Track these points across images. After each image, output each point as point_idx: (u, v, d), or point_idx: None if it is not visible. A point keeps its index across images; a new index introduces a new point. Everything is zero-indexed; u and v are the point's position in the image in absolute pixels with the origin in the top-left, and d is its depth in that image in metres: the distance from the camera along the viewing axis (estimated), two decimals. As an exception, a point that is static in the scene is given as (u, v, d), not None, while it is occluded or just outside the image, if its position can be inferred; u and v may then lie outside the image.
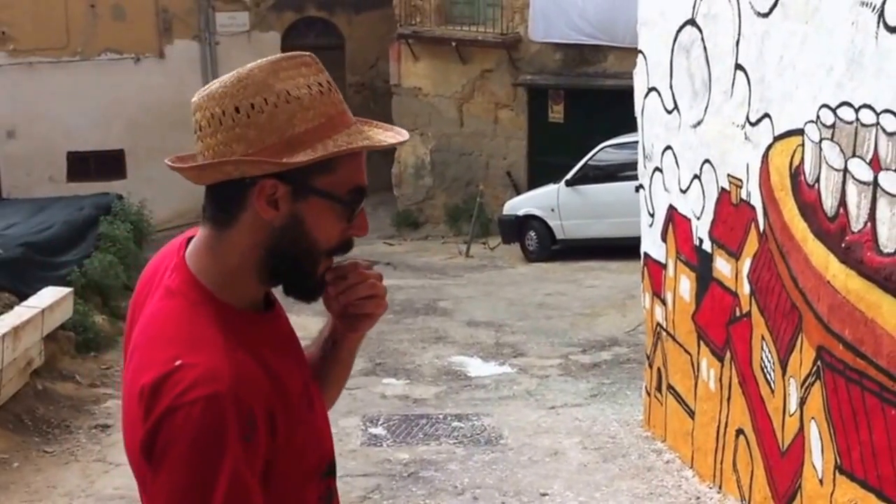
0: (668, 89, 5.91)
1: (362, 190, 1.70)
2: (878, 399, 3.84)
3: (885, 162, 3.80)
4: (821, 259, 4.26)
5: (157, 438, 1.57)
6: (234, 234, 1.66)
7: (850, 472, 4.07)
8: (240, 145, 1.62)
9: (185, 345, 1.60)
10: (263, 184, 1.63)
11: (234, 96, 1.63)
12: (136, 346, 1.68)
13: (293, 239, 1.66)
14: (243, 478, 1.57)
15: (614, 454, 6.00)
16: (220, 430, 1.55)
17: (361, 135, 1.68)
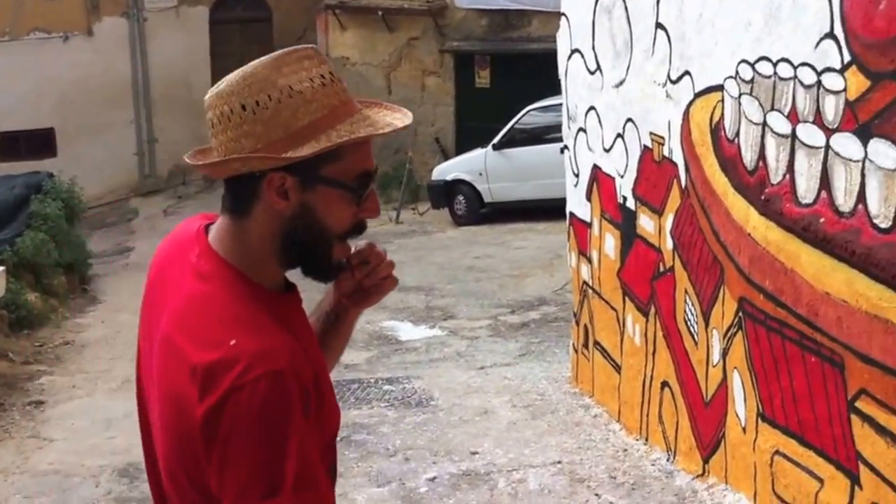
0: (590, 50, 5.89)
1: (370, 174, 1.75)
2: (798, 347, 3.88)
3: (803, 114, 3.83)
4: (741, 212, 4.29)
5: (221, 418, 1.59)
6: (251, 224, 1.72)
7: (772, 419, 4.12)
8: (248, 141, 1.68)
9: (234, 325, 1.65)
10: (272, 177, 1.68)
11: (240, 94, 1.69)
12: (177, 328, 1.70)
13: (306, 226, 1.72)
14: (309, 450, 1.63)
15: (543, 411, 6.02)
16: (284, 405, 1.60)
17: (365, 122, 1.72)
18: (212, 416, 1.60)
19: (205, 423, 1.60)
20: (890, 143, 3.35)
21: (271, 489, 1.58)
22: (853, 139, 3.54)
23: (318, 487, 1.64)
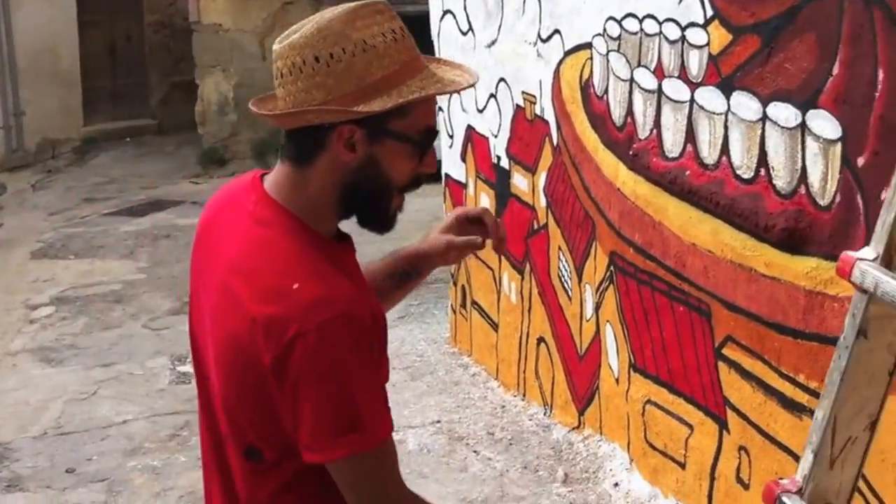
0: (462, 11, 5.88)
1: (434, 131, 1.82)
2: (667, 298, 3.97)
3: (668, 69, 3.90)
4: (611, 168, 4.35)
5: (289, 363, 1.65)
6: (314, 173, 1.77)
7: (643, 370, 4.22)
8: (319, 92, 1.71)
9: (295, 270, 1.70)
10: (342, 129, 1.73)
11: (314, 46, 1.71)
12: (236, 274, 1.75)
13: (370, 178, 1.77)
14: (377, 387, 1.72)
15: (422, 372, 6.04)
16: (349, 346, 1.67)
17: (433, 79, 1.77)
18: (280, 362, 1.65)
19: (274, 370, 1.66)
20: (751, 96, 3.43)
21: (349, 426, 1.66)
22: (717, 93, 3.62)
23: (389, 423, 1.73)
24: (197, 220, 1.95)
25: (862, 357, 1.43)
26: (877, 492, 3.03)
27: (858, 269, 1.39)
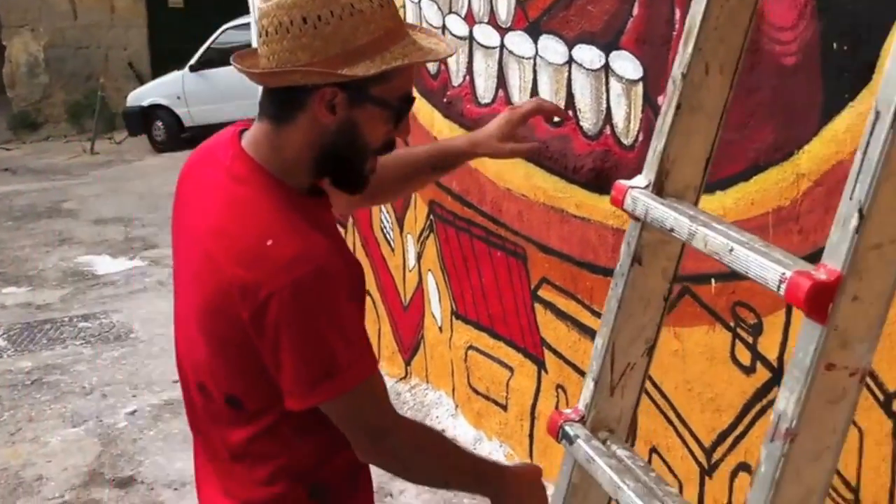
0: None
1: (412, 98, 1.86)
2: (485, 244, 4.03)
3: (479, 15, 3.92)
4: (427, 117, 4.36)
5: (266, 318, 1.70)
6: (291, 132, 1.80)
7: (465, 316, 4.28)
8: (304, 54, 1.73)
9: (272, 227, 1.73)
10: (324, 91, 1.75)
11: (303, 7, 1.72)
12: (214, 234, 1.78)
13: (347, 140, 1.81)
14: (356, 329, 1.78)
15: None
16: (327, 296, 1.72)
17: (414, 46, 1.80)
18: (258, 317, 1.70)
19: (254, 325, 1.72)
20: (558, 39, 3.49)
21: (326, 373, 1.73)
22: (525, 37, 3.66)
23: (369, 365, 1.79)
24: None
25: (637, 283, 1.48)
26: (685, 419, 3.17)
27: (630, 197, 1.43)
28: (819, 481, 1.21)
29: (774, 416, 1.19)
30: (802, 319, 1.18)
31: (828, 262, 1.15)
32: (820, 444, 1.20)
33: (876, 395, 2.45)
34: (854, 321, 1.17)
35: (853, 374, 1.19)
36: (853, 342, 1.17)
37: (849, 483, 2.57)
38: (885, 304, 1.17)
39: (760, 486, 1.20)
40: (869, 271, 1.15)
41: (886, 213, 1.14)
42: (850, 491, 2.57)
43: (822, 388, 1.18)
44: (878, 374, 2.44)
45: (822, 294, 1.14)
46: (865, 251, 1.14)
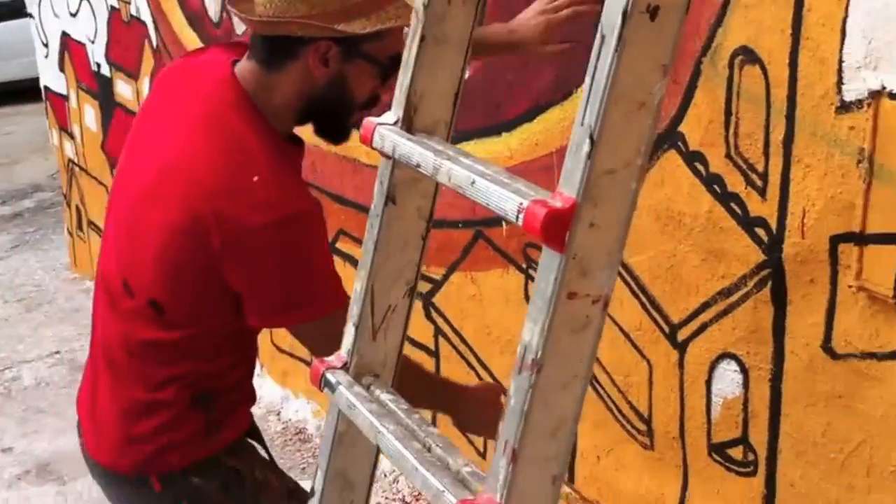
0: None
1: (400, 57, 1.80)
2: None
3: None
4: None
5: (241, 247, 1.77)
6: (281, 78, 1.84)
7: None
8: (303, 5, 1.77)
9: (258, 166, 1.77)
10: (319, 44, 1.81)
11: None
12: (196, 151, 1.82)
13: (336, 93, 1.86)
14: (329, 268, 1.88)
15: (39, 302, 5.73)
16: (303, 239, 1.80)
17: (407, 8, 1.80)
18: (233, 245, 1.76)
19: (226, 252, 1.77)
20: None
21: (296, 303, 1.83)
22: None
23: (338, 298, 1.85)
24: None
25: (393, 224, 1.46)
26: (485, 363, 3.20)
27: (378, 135, 1.40)
28: (569, 410, 1.21)
29: (521, 348, 1.18)
30: (543, 249, 1.18)
31: (563, 190, 1.14)
32: (567, 374, 1.20)
33: (662, 328, 2.53)
34: (592, 248, 1.16)
35: (595, 301, 1.18)
36: (593, 270, 1.17)
37: (641, 414, 2.65)
38: (622, 230, 1.17)
39: (511, 418, 1.19)
40: (604, 197, 1.15)
41: (617, 137, 1.13)
42: (643, 422, 2.65)
43: (565, 318, 1.17)
44: (663, 307, 2.51)
45: (557, 222, 1.13)
46: (599, 177, 1.13)
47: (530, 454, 1.22)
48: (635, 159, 1.16)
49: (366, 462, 1.54)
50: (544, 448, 1.22)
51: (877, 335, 2.03)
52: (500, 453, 1.22)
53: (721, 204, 2.28)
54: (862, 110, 1.95)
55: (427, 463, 1.32)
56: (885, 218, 1.95)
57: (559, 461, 1.24)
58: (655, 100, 1.15)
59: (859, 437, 2.10)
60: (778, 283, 2.21)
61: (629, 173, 1.15)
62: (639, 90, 1.14)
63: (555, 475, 1.24)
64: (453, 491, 1.27)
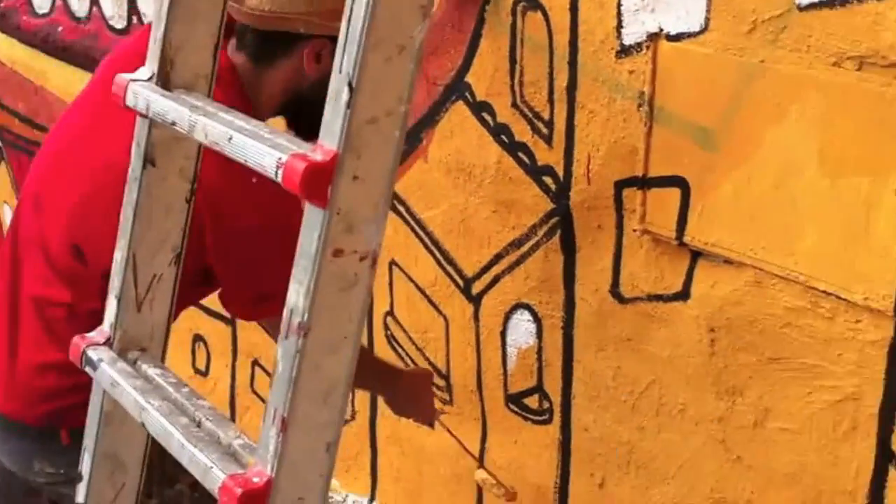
0: None
1: None
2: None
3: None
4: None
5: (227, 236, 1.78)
6: (271, 73, 1.88)
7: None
8: (303, 2, 1.80)
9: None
10: (316, 42, 1.84)
11: None
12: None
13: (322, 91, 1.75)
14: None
15: None
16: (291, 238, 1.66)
17: None
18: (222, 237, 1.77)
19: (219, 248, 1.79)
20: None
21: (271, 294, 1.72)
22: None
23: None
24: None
25: (154, 187, 1.37)
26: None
27: (132, 92, 1.31)
28: (340, 373, 1.16)
29: (286, 311, 1.12)
30: (305, 206, 1.11)
31: (324, 142, 1.09)
32: (337, 335, 1.14)
33: (457, 283, 2.50)
34: (357, 202, 1.11)
35: (363, 258, 1.13)
36: (359, 224, 1.11)
37: (440, 370, 2.63)
38: (387, 182, 1.12)
39: (279, 385, 1.13)
40: (367, 148, 1.09)
41: (378, 84, 1.08)
42: (442, 377, 2.63)
43: (331, 276, 1.11)
44: (457, 261, 2.49)
45: (318, 175, 1.07)
46: (360, 127, 1.08)
47: (301, 421, 1.17)
48: (398, 107, 1.11)
49: (137, 441, 1.46)
50: (316, 414, 1.17)
51: (662, 277, 2.06)
52: (270, 422, 1.16)
53: (509, 154, 2.27)
54: (641, 53, 1.96)
55: (195, 438, 1.25)
56: (666, 161, 1.97)
57: (333, 427, 1.20)
58: (416, 43, 1.10)
59: (648, 379, 2.14)
60: (567, 231, 2.21)
61: (392, 122, 1.10)
62: (398, 33, 1.09)
63: (329, 442, 1.20)
64: (222, 465, 1.20)
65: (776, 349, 1.90)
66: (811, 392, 1.87)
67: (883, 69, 1.62)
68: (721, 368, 2.00)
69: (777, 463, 1.94)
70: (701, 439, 2.07)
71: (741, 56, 1.80)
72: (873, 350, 1.75)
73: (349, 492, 3.00)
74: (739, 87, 1.81)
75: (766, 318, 1.90)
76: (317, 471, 1.20)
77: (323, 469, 1.21)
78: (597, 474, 2.31)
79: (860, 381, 1.78)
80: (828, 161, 1.72)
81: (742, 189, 1.85)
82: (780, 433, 1.93)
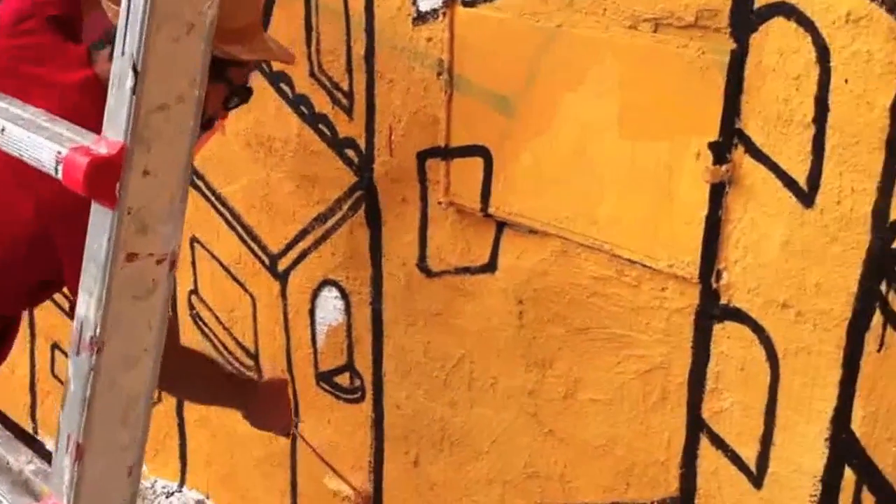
0: None
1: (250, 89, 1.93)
2: None
3: None
4: None
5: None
6: None
7: None
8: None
9: None
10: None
11: None
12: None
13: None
14: None
15: None
16: None
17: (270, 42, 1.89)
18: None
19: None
20: None
21: None
22: None
23: None
24: None
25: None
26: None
27: None
28: (140, 389, 1.04)
29: (76, 324, 1.00)
30: (92, 206, 0.99)
31: (108, 134, 0.96)
32: (134, 348, 1.03)
33: (262, 260, 2.40)
34: (150, 199, 0.99)
35: (161, 261, 1.02)
36: (153, 224, 1.00)
37: (248, 350, 2.52)
38: (183, 176, 1.00)
39: (72, 407, 1.01)
40: (158, 139, 0.97)
41: (165, 67, 0.96)
42: (251, 357, 2.53)
43: (125, 284, 1.00)
44: (261, 238, 2.39)
45: (103, 171, 0.95)
46: (149, 115, 0.96)
47: (99, 446, 1.06)
48: (191, 91, 1.00)
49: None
50: (115, 437, 1.07)
51: (468, 250, 2.01)
52: (63, 450, 1.05)
53: (310, 126, 2.17)
54: (438, 20, 1.89)
55: (-22, 470, 1.12)
56: (467, 130, 1.91)
57: (134, 449, 1.09)
58: (207, 20, 0.99)
59: (459, 353, 2.09)
60: (371, 205, 2.13)
61: (185, 109, 0.99)
62: (186, 9, 0.98)
63: (131, 465, 1.09)
64: (11, 498, 1.08)
65: (584, 319, 1.87)
66: (620, 362, 1.84)
67: (679, 30, 1.59)
68: (530, 340, 1.96)
69: (588, 435, 1.92)
70: (513, 413, 2.03)
71: (537, 21, 1.75)
72: (680, 318, 1.74)
73: (158, 476, 2.87)
74: (537, 53, 1.76)
75: (573, 288, 1.86)
76: (119, 497, 1.09)
77: (126, 494, 1.10)
78: (411, 452, 2.25)
79: (668, 350, 1.77)
80: (627, 125, 1.69)
81: (543, 157, 1.81)
82: (591, 404, 1.91)
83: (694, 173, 1.62)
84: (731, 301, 1.66)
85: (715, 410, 1.73)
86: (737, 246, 1.62)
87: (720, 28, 1.55)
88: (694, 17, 1.56)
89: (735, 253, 1.63)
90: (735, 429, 1.72)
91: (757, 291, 1.63)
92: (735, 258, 1.63)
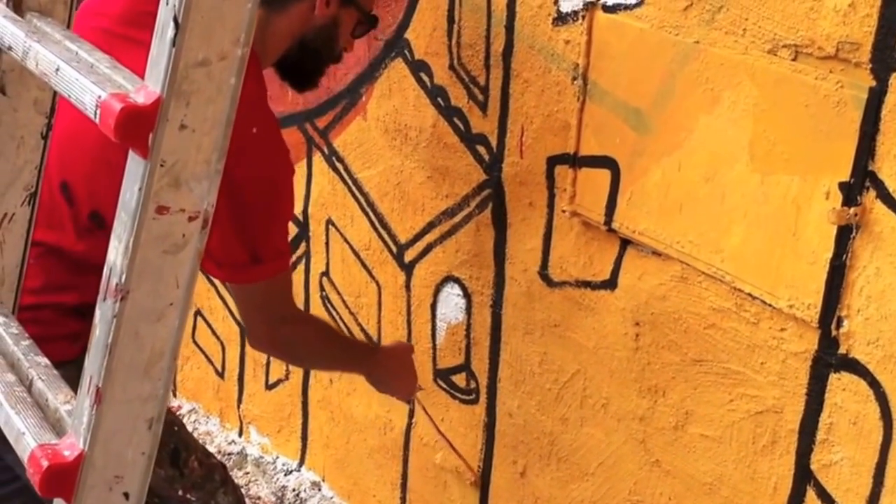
0: None
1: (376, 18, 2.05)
2: None
3: None
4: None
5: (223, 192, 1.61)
6: (282, 19, 1.90)
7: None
8: None
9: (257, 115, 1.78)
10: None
11: None
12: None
13: (325, 38, 1.96)
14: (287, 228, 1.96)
15: None
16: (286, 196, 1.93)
17: None
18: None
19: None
20: None
21: (255, 258, 1.84)
22: None
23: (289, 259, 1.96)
24: None
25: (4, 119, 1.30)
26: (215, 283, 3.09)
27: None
28: (165, 343, 1.09)
29: (106, 270, 1.06)
30: (129, 153, 1.04)
31: (149, 83, 1.00)
32: (161, 302, 1.07)
33: (390, 249, 2.46)
34: (186, 155, 1.01)
35: (192, 218, 1.04)
36: (189, 180, 1.02)
37: (371, 337, 2.59)
38: (222, 135, 1.02)
39: (95, 351, 1.06)
40: (197, 94, 0.98)
41: (210, 22, 0.97)
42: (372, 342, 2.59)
43: (154, 237, 1.02)
44: (391, 226, 2.44)
45: (137, 121, 0.97)
46: (189, 69, 0.97)
47: (118, 394, 1.10)
48: (234, 49, 1.00)
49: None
50: (135, 387, 1.10)
51: (590, 263, 2.01)
52: (85, 391, 1.10)
53: (445, 118, 2.21)
54: (577, 23, 1.89)
55: (16, 398, 1.19)
56: (597, 140, 1.91)
57: (155, 402, 1.13)
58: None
59: (573, 368, 2.09)
60: (498, 205, 2.16)
61: (227, 66, 0.99)
62: None
63: (151, 418, 1.13)
64: (36, 432, 1.14)
65: (699, 351, 1.85)
66: (733, 399, 1.81)
67: (818, 61, 1.54)
68: (644, 365, 1.95)
69: (695, 470, 1.90)
70: (622, 437, 2.03)
71: (676, 34, 1.73)
72: (796, 362, 1.70)
73: (280, 453, 2.98)
74: (673, 68, 1.74)
75: (691, 316, 1.84)
76: (137, 448, 1.14)
77: (144, 446, 1.15)
78: (519, 462, 2.27)
79: (781, 394, 1.73)
80: (758, 155, 1.65)
81: (672, 177, 1.79)
82: (701, 439, 1.88)
83: (821, 213, 1.58)
84: (849, 351, 1.61)
85: (824, 463, 1.69)
86: (860, 294, 1.57)
87: (861, 63, 1.50)
88: (835, 49, 1.52)
89: (858, 301, 1.58)
90: (843, 485, 1.67)
91: (877, 344, 1.57)
92: (858, 307, 1.58)
